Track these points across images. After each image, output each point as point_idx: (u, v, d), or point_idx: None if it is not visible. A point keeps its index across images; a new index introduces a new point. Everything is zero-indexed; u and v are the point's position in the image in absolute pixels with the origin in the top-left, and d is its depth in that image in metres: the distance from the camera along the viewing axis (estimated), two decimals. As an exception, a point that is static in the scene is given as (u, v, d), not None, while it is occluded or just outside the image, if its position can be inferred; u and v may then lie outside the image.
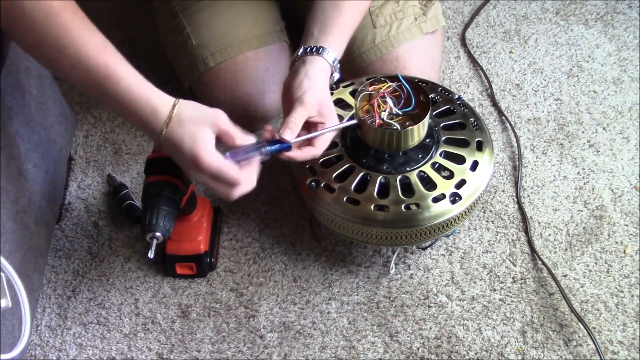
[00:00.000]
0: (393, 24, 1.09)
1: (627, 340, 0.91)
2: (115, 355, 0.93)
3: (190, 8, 1.10)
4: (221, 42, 1.08)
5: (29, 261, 0.92)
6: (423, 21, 1.11)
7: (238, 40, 1.08)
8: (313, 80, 0.86)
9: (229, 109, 1.08)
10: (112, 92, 0.76)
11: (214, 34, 1.09)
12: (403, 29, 1.09)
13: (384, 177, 0.89)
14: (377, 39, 1.09)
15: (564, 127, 1.17)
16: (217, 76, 1.08)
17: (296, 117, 0.83)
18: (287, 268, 1.01)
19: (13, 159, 0.90)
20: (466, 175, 0.90)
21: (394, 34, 1.09)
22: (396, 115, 0.90)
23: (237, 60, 1.08)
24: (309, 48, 0.89)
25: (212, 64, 1.08)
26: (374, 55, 1.09)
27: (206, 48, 1.08)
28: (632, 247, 1.00)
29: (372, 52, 1.09)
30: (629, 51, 1.28)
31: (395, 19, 1.10)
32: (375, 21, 1.09)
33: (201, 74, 1.09)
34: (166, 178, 0.85)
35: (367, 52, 1.09)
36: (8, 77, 0.91)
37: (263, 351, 0.92)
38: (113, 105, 0.78)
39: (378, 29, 1.09)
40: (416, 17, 1.11)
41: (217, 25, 1.09)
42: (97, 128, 1.21)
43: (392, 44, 1.09)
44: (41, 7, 0.72)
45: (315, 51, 0.88)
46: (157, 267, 1.01)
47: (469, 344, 0.92)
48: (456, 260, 1.00)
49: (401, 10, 1.11)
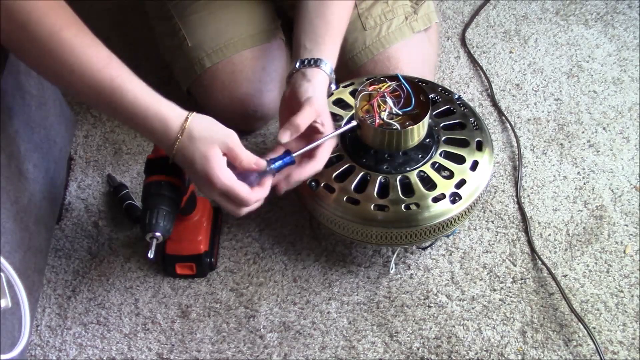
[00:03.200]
0: (383, 25, 1.09)
1: (627, 340, 0.91)
2: (115, 355, 0.93)
3: (185, 10, 1.10)
4: (217, 43, 1.08)
5: (29, 261, 0.92)
6: (414, 20, 1.11)
7: (234, 40, 1.08)
8: (317, 88, 0.87)
9: (228, 109, 1.08)
10: (119, 105, 0.76)
11: (210, 35, 1.09)
12: (393, 29, 1.09)
13: (384, 177, 0.89)
14: (367, 40, 1.09)
15: (564, 127, 1.17)
16: (214, 77, 1.08)
17: (301, 119, 0.83)
18: (287, 268, 1.01)
19: (13, 159, 0.90)
20: (466, 175, 0.90)
21: (384, 34, 1.09)
22: (396, 115, 0.90)
23: (233, 60, 1.08)
24: (305, 61, 0.89)
25: (208, 65, 1.08)
26: (365, 57, 1.09)
27: (202, 49, 1.08)
28: (632, 247, 1.00)
29: (364, 54, 1.09)
30: (629, 51, 1.28)
31: (385, 20, 1.10)
32: (365, 23, 1.09)
33: (198, 76, 1.09)
34: (166, 178, 0.85)
35: (359, 54, 1.09)
36: (8, 77, 0.91)
37: (263, 351, 0.92)
38: (124, 119, 0.78)
39: (368, 31, 1.09)
40: (407, 16, 1.11)
41: (212, 26, 1.09)
42: (97, 128, 1.21)
43: (382, 44, 1.09)
44: (45, 24, 0.72)
45: (313, 63, 0.89)
46: (157, 267, 1.01)
47: (469, 344, 0.92)
48: (456, 260, 1.00)
49: (391, 11, 1.10)
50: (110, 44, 0.80)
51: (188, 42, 1.09)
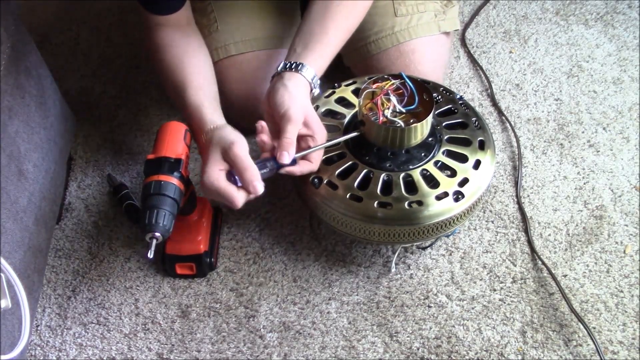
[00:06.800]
0: (414, 16, 1.09)
1: (627, 340, 0.91)
2: (115, 355, 0.93)
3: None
4: (245, 35, 1.09)
5: (29, 261, 0.92)
6: (442, 19, 1.11)
7: (259, 37, 1.09)
8: (293, 96, 0.87)
9: (242, 102, 1.09)
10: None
11: (240, 25, 1.09)
12: (423, 22, 1.09)
13: (387, 175, 0.89)
14: (396, 27, 1.08)
15: (564, 127, 1.17)
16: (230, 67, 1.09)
17: (289, 136, 0.84)
18: (287, 268, 1.01)
19: (13, 159, 0.90)
20: (469, 174, 0.90)
21: (414, 25, 1.09)
22: (399, 113, 0.90)
23: (257, 56, 1.09)
24: (288, 64, 0.91)
25: (233, 53, 1.08)
26: (390, 42, 1.08)
27: (231, 36, 1.09)
28: (632, 247, 1.00)
29: (389, 39, 1.08)
30: (629, 51, 1.28)
31: (417, 11, 1.10)
32: (397, 9, 1.09)
33: (219, 61, 1.09)
34: (166, 178, 0.84)
35: (384, 38, 1.09)
36: (8, 77, 0.91)
37: (263, 351, 0.92)
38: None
39: (399, 18, 1.09)
40: (436, 14, 1.11)
41: (244, 18, 1.10)
42: (97, 128, 1.21)
43: (410, 34, 1.08)
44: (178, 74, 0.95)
45: (294, 68, 0.90)
46: (157, 267, 1.01)
47: (469, 344, 0.91)
48: (456, 260, 1.00)
49: (423, 4, 1.11)
50: (110, 44, 0.80)
51: (218, 25, 1.09)
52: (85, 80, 1.30)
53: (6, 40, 0.92)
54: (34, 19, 1.43)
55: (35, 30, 1.39)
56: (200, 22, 1.10)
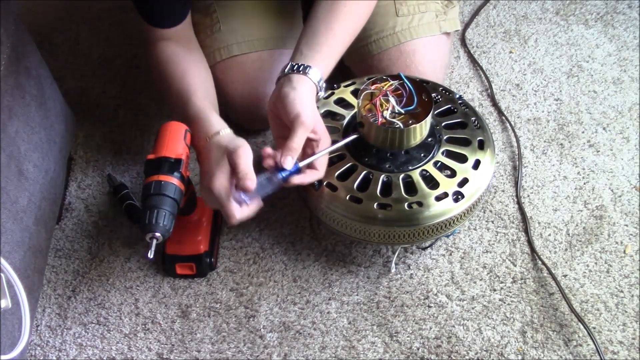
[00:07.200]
0: (415, 16, 1.09)
1: (627, 340, 0.91)
2: (115, 355, 0.93)
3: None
4: (247, 35, 1.09)
5: (29, 261, 0.92)
6: (443, 20, 1.11)
7: (262, 37, 1.09)
8: (304, 100, 0.86)
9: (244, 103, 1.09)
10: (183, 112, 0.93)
11: (243, 25, 1.09)
12: (424, 22, 1.09)
13: (387, 176, 0.89)
14: (397, 27, 1.08)
15: (564, 127, 1.17)
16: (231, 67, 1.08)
17: (296, 141, 0.83)
18: (287, 268, 1.01)
19: (13, 159, 0.90)
20: (468, 174, 0.90)
21: (415, 25, 1.09)
22: (398, 114, 0.90)
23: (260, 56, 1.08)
24: (295, 66, 0.89)
25: (236, 53, 1.08)
26: (391, 42, 1.08)
27: (234, 36, 1.08)
28: (632, 247, 1.00)
29: (390, 39, 1.08)
30: (629, 51, 1.28)
31: (418, 11, 1.10)
32: (398, 9, 1.09)
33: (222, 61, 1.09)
34: (166, 178, 0.84)
35: (385, 38, 1.08)
36: (8, 77, 0.91)
37: (263, 351, 0.92)
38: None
39: (400, 18, 1.09)
40: (437, 14, 1.11)
41: (248, 18, 1.10)
42: (97, 128, 1.21)
43: (411, 34, 1.08)
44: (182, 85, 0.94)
45: (301, 70, 0.89)
46: (157, 267, 1.01)
47: (469, 344, 0.91)
48: (456, 260, 1.00)
49: (424, 4, 1.10)
50: (110, 44, 0.80)
51: (220, 26, 1.09)
52: (85, 80, 1.30)
53: (6, 40, 0.92)
54: (34, 19, 1.43)
55: (35, 30, 1.38)
56: (203, 22, 1.10)
